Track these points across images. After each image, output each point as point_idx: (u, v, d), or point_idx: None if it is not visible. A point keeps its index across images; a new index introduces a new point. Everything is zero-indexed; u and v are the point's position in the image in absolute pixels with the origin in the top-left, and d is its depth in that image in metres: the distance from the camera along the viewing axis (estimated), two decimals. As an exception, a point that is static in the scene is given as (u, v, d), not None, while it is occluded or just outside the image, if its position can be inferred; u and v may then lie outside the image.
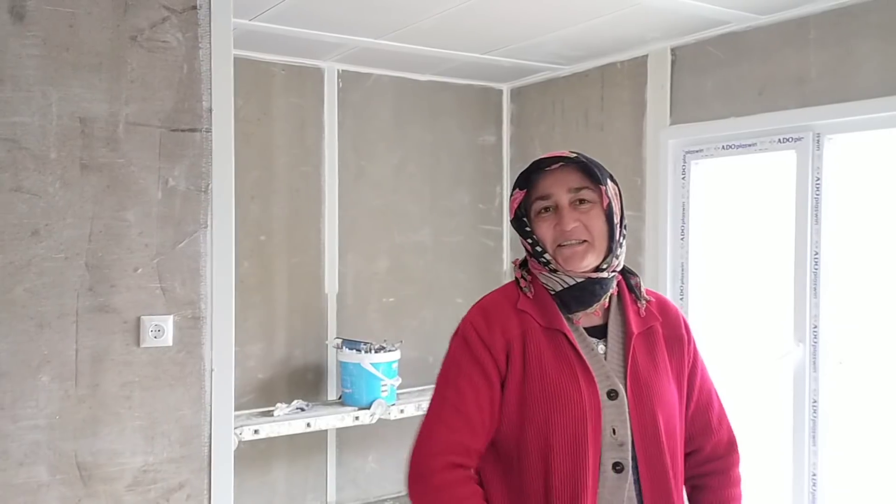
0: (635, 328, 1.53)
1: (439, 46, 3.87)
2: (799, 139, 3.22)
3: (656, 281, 3.74)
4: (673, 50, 3.72)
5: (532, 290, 1.53)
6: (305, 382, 4.24)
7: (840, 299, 3.17)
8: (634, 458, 1.46)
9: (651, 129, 3.82)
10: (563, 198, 1.50)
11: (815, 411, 3.17)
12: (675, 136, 3.70)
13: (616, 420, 1.46)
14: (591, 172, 1.51)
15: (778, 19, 3.25)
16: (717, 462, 1.62)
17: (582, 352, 1.48)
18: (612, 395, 1.47)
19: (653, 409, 1.48)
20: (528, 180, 1.53)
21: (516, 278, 1.57)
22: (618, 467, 1.44)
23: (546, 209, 1.51)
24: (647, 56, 3.85)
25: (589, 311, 1.52)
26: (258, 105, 4.04)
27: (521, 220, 1.55)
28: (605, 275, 1.51)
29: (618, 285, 1.56)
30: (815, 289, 3.17)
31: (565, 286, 1.50)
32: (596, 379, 1.46)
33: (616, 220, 1.51)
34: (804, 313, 3.20)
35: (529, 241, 1.53)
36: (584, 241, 1.48)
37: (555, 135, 4.42)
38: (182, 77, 2.12)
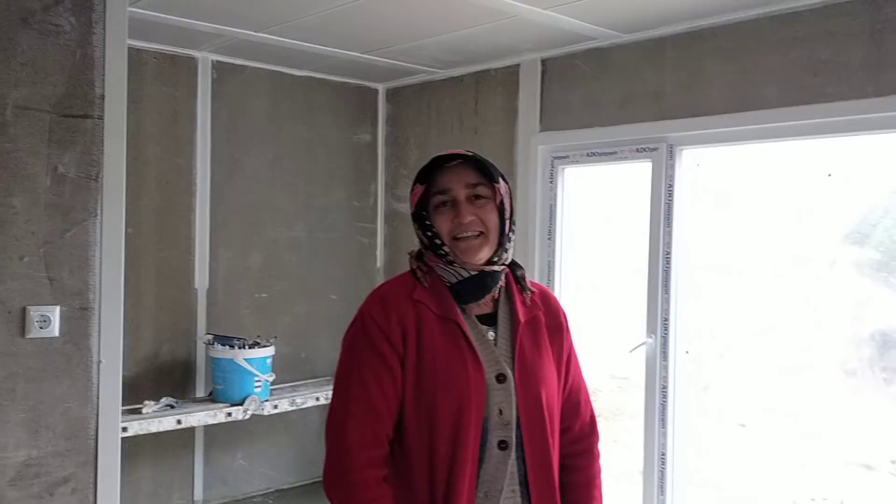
0: (522, 317, 1.65)
1: (320, 43, 3.91)
2: (654, 149, 3.53)
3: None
4: (543, 61, 3.96)
5: (428, 280, 1.62)
6: (173, 379, 4.14)
7: (687, 295, 3.51)
8: (519, 437, 1.57)
9: (522, 135, 4.05)
10: (461, 192, 1.60)
11: (664, 396, 3.49)
12: (544, 142, 3.94)
13: (504, 401, 1.57)
14: (486, 170, 1.62)
15: (639, 38, 3.56)
16: (584, 441, 1.77)
17: (472, 339, 1.58)
18: (501, 378, 1.58)
19: (537, 390, 1.60)
20: (428, 176, 1.63)
21: (413, 269, 1.66)
22: (502, 445, 1.55)
23: (444, 203, 1.61)
24: (519, 65, 4.07)
25: (481, 301, 1.63)
26: (128, 93, 3.90)
27: (421, 214, 1.64)
28: (496, 268, 1.63)
29: (505, 277, 1.68)
30: (665, 286, 3.49)
31: (460, 278, 1.60)
32: (484, 364, 1.57)
33: (507, 215, 1.63)
34: (656, 308, 3.51)
35: (429, 233, 1.62)
36: (480, 233, 1.59)
37: (430, 136, 4.56)
38: (75, 62, 2.07)
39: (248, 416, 3.93)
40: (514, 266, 1.70)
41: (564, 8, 3.20)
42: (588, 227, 3.96)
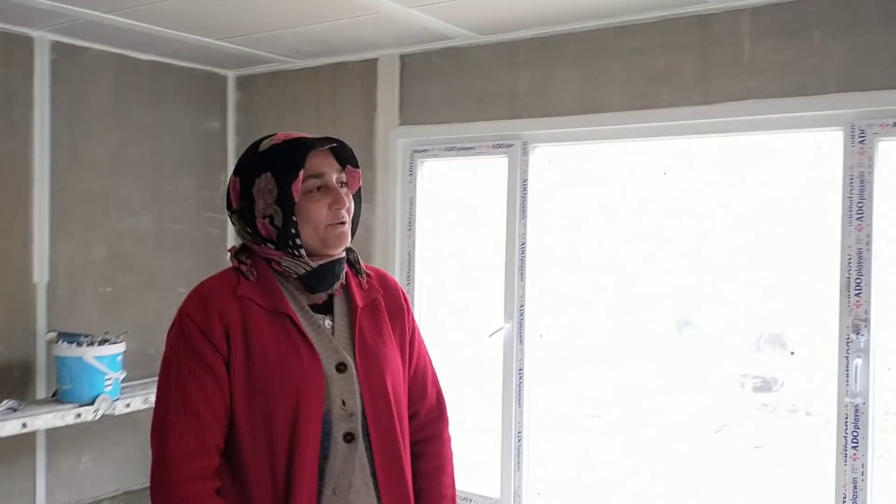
0: (360, 301, 1.59)
1: (172, 27, 3.78)
2: (510, 146, 3.75)
3: (385, 267, 4.07)
4: (402, 57, 4.06)
5: (254, 273, 1.54)
6: (11, 380, 3.86)
7: (541, 282, 3.77)
8: (365, 427, 1.51)
9: (382, 128, 4.13)
10: (333, 178, 1.54)
11: (520, 377, 3.74)
12: (404, 135, 4.06)
13: (346, 391, 1.50)
14: (347, 155, 1.59)
15: (495, 40, 3.75)
16: (432, 426, 1.72)
17: (306, 330, 1.51)
18: (341, 367, 1.51)
19: (382, 377, 1.55)
20: (304, 160, 1.51)
21: (235, 265, 1.57)
22: (348, 437, 1.48)
23: (319, 188, 1.53)
24: (377, 59, 4.15)
25: (331, 290, 1.58)
26: (-46, 72, 3.58)
27: (288, 201, 1.51)
28: (343, 254, 1.59)
29: None
30: (521, 273, 3.73)
31: (309, 269, 1.53)
32: (321, 354, 1.50)
33: (359, 206, 1.63)
34: (512, 295, 3.74)
35: (290, 221, 1.50)
36: (345, 222, 1.55)
37: (285, 125, 4.53)
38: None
39: (98, 417, 3.75)
40: (346, 250, 1.64)
41: (427, 8, 3.32)
42: (448, 218, 4.12)
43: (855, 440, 2.93)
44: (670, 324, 3.54)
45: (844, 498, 2.95)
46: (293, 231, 1.53)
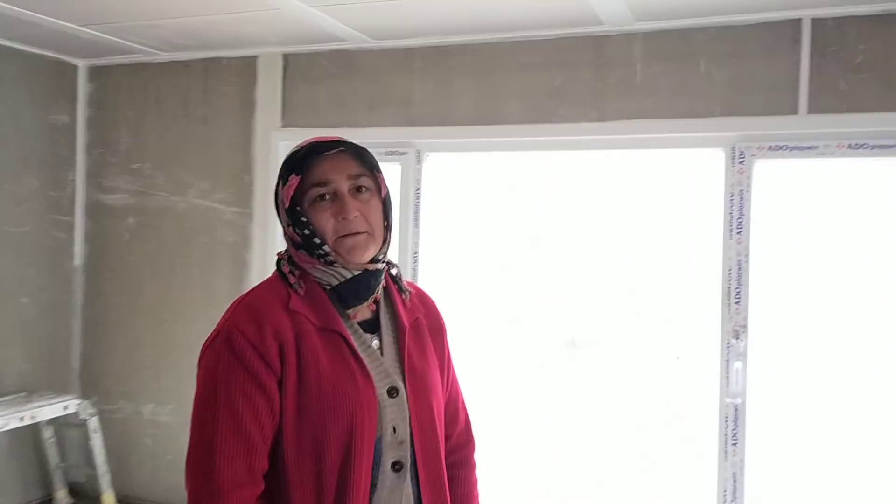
0: (406, 320, 1.51)
1: (27, 7, 3.37)
2: (403, 153, 3.71)
3: (263, 277, 3.87)
4: (286, 56, 3.89)
5: (303, 286, 1.42)
6: None
7: (435, 290, 3.76)
8: (413, 455, 1.43)
9: (261, 130, 3.94)
10: (343, 185, 1.42)
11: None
12: (286, 138, 3.88)
13: (397, 418, 1.41)
14: (367, 159, 1.47)
15: (389, 46, 3.70)
16: (462, 451, 1.65)
17: (359, 351, 1.41)
18: (393, 392, 1.42)
19: (430, 402, 1.47)
20: (302, 165, 1.43)
21: (283, 273, 1.45)
22: (397, 466, 1.40)
23: (323, 196, 1.42)
24: (256, 57, 3.95)
25: (366, 304, 1.47)
26: None
27: (295, 209, 1.43)
28: (380, 266, 1.47)
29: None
30: (414, 279, 3.69)
31: (342, 280, 1.43)
32: (374, 378, 1.41)
33: (390, 207, 1.50)
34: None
35: (306, 231, 1.41)
36: (365, 231, 1.43)
37: (147, 122, 4.19)
38: None
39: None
40: (388, 264, 1.55)
41: (325, 7, 3.21)
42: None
43: (735, 437, 3.17)
44: (562, 341, 3.65)
45: (725, 491, 3.19)
46: (316, 240, 1.43)
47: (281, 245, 3.88)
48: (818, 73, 3.04)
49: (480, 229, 3.75)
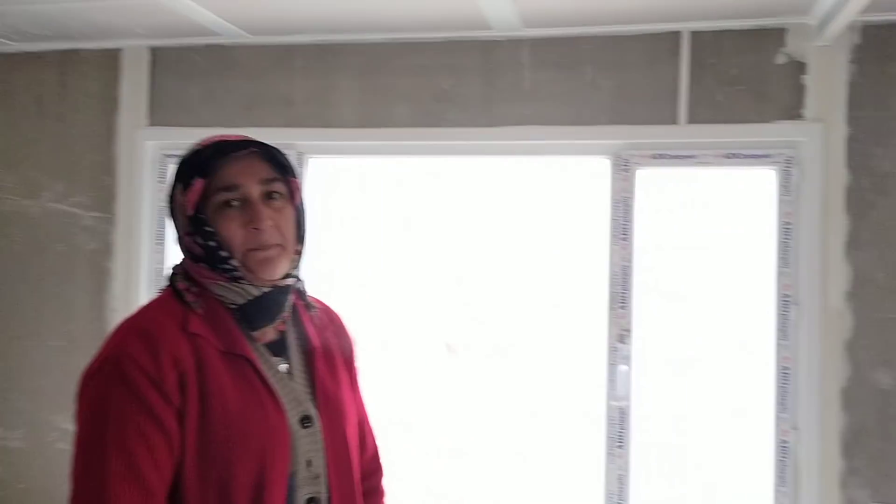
0: (316, 341, 1.40)
1: None
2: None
3: (129, 289, 3.59)
4: (153, 50, 3.62)
5: (202, 305, 1.27)
6: None
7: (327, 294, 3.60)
8: (328, 490, 1.31)
9: (125, 128, 3.64)
10: (254, 190, 1.28)
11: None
12: (154, 137, 3.61)
13: (311, 450, 1.29)
14: (282, 163, 1.33)
15: (268, 42, 3.51)
16: (371, 479, 1.54)
17: (269, 378, 1.28)
18: (306, 422, 1.30)
19: (343, 431, 1.35)
20: (208, 167, 1.27)
21: (179, 291, 1.29)
22: (312, 503, 1.28)
23: (230, 203, 1.27)
24: (121, 50, 3.65)
25: (273, 325, 1.34)
26: None
27: (198, 217, 1.27)
28: (290, 281, 1.34)
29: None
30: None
31: (249, 298, 1.29)
32: (285, 407, 1.28)
33: (305, 217, 1.38)
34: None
35: (212, 242, 1.26)
36: (278, 244, 1.29)
37: (-7, 118, 3.78)
38: None
39: None
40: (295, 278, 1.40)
41: (205, -1, 3.01)
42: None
43: (620, 440, 3.23)
44: (442, 345, 3.60)
45: (611, 493, 3.24)
46: (222, 253, 1.27)
47: (149, 252, 3.61)
48: (696, 84, 3.15)
49: (365, 235, 3.63)
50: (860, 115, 3.00)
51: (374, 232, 3.74)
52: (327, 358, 1.41)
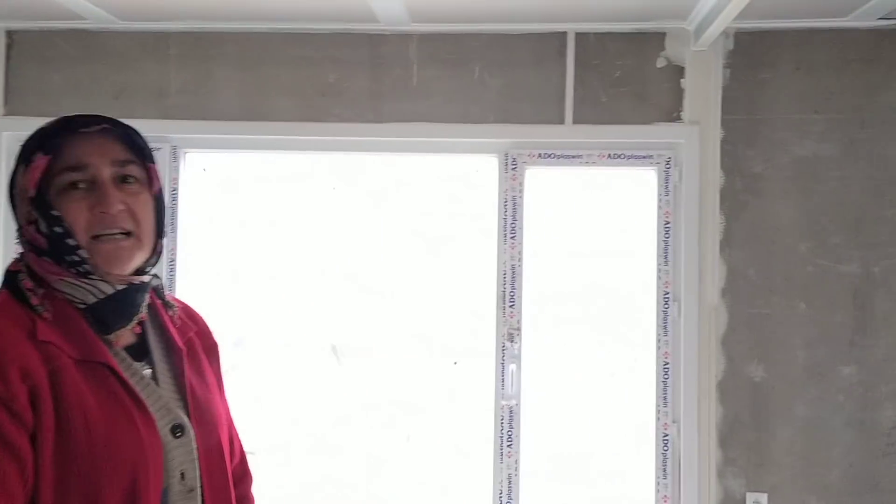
0: (179, 341, 1.28)
1: None
2: (157, 150, 3.31)
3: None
4: (9, 33, 3.32)
5: (49, 307, 1.12)
6: None
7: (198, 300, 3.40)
8: (202, 501, 1.20)
9: (-23, 116, 3.32)
10: (105, 171, 1.16)
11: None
12: (9, 127, 3.31)
13: (185, 461, 1.18)
14: (139, 145, 1.21)
15: (139, 28, 3.29)
16: (239, 487, 1.41)
17: (134, 386, 1.15)
18: (178, 431, 1.18)
19: (217, 438, 1.26)
20: (52, 143, 1.14)
21: (22, 291, 1.13)
22: None
23: (77, 184, 1.14)
24: (-29, 31, 3.33)
25: (130, 326, 1.21)
26: None
27: (43, 199, 1.13)
28: (146, 278, 1.23)
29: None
30: (171, 287, 3.32)
31: (101, 296, 1.15)
32: (155, 416, 1.16)
33: (165, 208, 1.26)
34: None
35: (58, 228, 1.12)
36: (130, 232, 1.17)
37: None
38: None
39: None
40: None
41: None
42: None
43: (510, 439, 3.22)
44: (328, 349, 3.49)
45: (501, 493, 3.22)
46: (69, 242, 1.13)
47: (4, 252, 3.31)
48: (582, 85, 3.19)
49: (244, 234, 3.47)
50: (733, 118, 3.13)
51: (255, 232, 3.58)
52: (193, 360, 1.30)
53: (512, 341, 3.22)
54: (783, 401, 3.07)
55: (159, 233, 1.24)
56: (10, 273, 1.17)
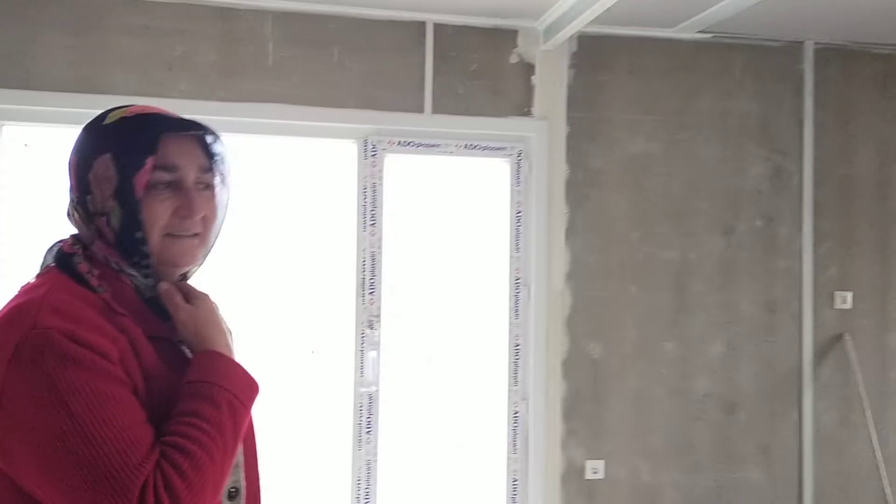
0: None
1: None
2: (-35, 120, 2.88)
3: None
4: None
5: (107, 288, 1.11)
6: None
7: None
8: (244, 476, 1.25)
9: None
10: (191, 176, 1.16)
11: None
12: None
13: None
14: (218, 153, 1.22)
15: (-59, -22, 2.83)
16: None
17: (186, 352, 1.19)
18: None
19: (250, 418, 1.30)
20: (154, 144, 1.12)
21: (79, 274, 1.11)
22: (233, 492, 1.22)
23: (168, 184, 1.14)
24: None
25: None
26: None
27: (133, 196, 1.11)
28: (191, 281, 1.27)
29: None
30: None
31: (154, 295, 1.17)
32: None
33: (224, 216, 1.27)
34: None
35: (135, 227, 1.12)
36: (198, 234, 1.20)
37: None
38: None
39: None
40: None
41: None
42: None
43: (369, 426, 3.23)
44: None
45: (359, 480, 3.23)
46: (138, 236, 1.12)
47: None
48: (440, 75, 3.24)
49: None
50: (577, 115, 3.36)
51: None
52: None
53: (372, 328, 3.22)
54: (617, 375, 3.38)
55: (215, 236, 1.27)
56: (66, 255, 1.13)
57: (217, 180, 1.23)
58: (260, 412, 1.29)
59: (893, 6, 3.11)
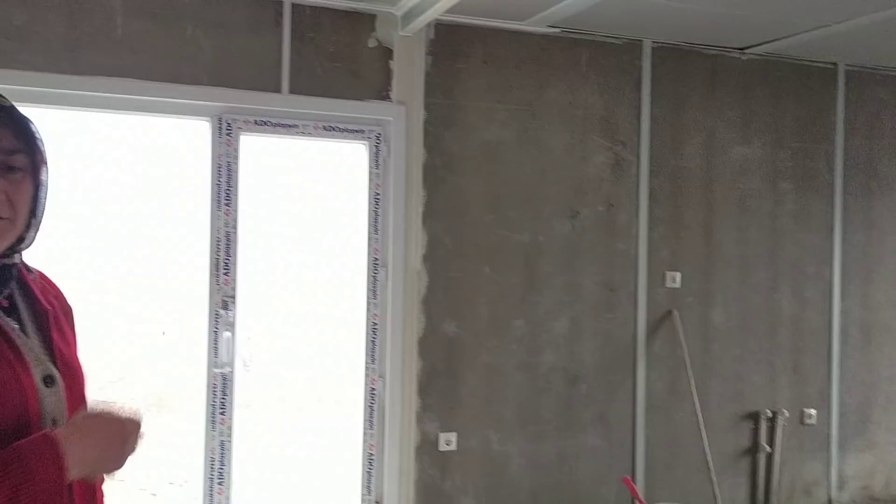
0: (45, 304, 1.32)
1: None
2: None
3: None
4: None
5: None
6: None
7: None
8: None
9: None
10: None
11: None
12: None
13: (56, 410, 1.24)
14: (30, 133, 1.20)
15: None
16: None
17: (11, 332, 1.20)
18: (49, 380, 1.24)
19: (82, 392, 1.32)
20: None
21: None
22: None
23: None
24: None
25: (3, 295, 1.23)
26: None
27: None
28: (16, 258, 1.25)
29: None
30: None
31: None
32: (30, 364, 1.21)
33: (44, 196, 1.25)
34: None
35: None
36: (7, 218, 1.18)
37: None
38: None
39: None
40: None
41: None
42: None
43: (223, 406, 3.22)
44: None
45: (213, 461, 3.21)
46: None
47: None
48: (298, 56, 3.25)
49: None
50: (434, 101, 3.46)
51: None
52: (57, 320, 1.35)
53: (226, 309, 3.20)
54: (471, 351, 3.53)
55: (35, 220, 1.24)
56: None
57: (25, 161, 1.21)
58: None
59: (720, 13, 3.41)
